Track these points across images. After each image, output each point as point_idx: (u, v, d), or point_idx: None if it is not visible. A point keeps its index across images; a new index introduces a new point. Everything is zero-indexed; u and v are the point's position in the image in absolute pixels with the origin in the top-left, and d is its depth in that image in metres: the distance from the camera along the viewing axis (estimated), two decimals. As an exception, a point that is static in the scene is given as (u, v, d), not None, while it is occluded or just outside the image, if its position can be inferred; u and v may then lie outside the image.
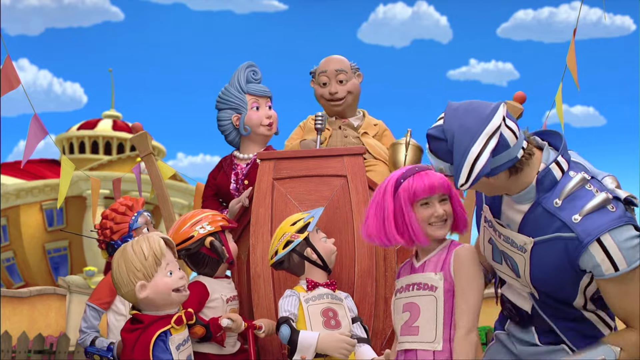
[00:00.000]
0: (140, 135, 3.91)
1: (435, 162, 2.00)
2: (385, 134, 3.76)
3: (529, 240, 2.03)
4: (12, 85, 3.65)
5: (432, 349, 2.23)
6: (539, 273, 2.04)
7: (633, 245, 1.90)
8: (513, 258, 2.11)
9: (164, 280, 2.39)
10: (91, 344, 3.20)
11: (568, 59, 4.11)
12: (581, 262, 1.94)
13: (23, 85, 3.74)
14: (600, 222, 1.90)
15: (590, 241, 1.89)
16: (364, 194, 3.01)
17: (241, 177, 3.51)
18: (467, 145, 1.89)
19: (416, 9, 51.81)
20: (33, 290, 11.27)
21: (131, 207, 3.41)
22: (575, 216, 1.93)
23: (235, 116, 3.51)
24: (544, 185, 1.99)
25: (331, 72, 3.62)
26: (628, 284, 1.92)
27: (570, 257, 1.94)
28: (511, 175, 1.99)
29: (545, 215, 1.98)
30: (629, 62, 46.06)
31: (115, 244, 3.36)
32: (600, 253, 1.90)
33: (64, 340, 7.81)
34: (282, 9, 50.10)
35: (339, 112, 3.66)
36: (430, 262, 2.32)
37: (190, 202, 17.87)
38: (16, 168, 21.97)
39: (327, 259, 2.77)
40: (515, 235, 2.08)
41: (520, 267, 2.09)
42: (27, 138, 3.84)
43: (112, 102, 25.99)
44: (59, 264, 22.46)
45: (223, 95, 3.55)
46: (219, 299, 2.89)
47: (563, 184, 1.98)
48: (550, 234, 1.97)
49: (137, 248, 2.38)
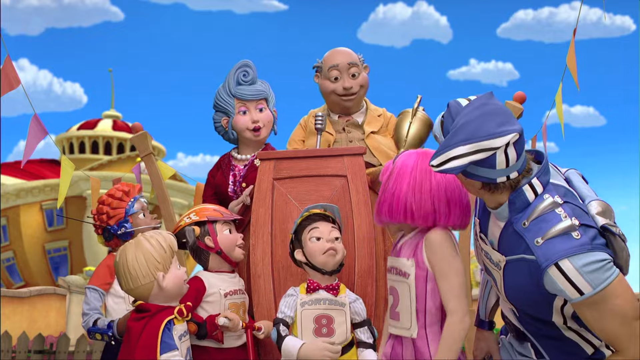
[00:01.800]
0: (140, 135, 3.91)
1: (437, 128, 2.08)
2: (391, 120, 3.65)
3: (502, 258, 2.06)
4: (12, 85, 3.65)
5: (409, 335, 2.26)
6: (512, 291, 2.06)
7: (596, 269, 1.87)
8: (492, 274, 2.16)
9: (176, 272, 2.54)
10: (93, 324, 3.22)
11: (568, 59, 4.10)
12: (545, 285, 1.93)
13: (23, 85, 3.73)
14: (560, 247, 1.89)
15: (548, 265, 1.89)
16: (364, 194, 3.01)
17: (239, 178, 3.50)
18: (458, 141, 1.91)
19: (416, 9, 51.84)
20: (33, 290, 11.29)
21: (127, 192, 3.43)
22: (538, 239, 1.93)
23: (225, 119, 3.49)
24: (516, 206, 2.01)
25: (343, 65, 3.49)
26: (600, 306, 1.89)
27: (534, 279, 1.95)
28: (483, 188, 2.01)
29: (515, 236, 2.00)
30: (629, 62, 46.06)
31: (112, 228, 3.37)
32: (561, 278, 1.89)
33: (64, 340, 7.81)
34: (282, 9, 50.13)
35: (347, 108, 3.58)
36: (404, 247, 2.35)
37: (190, 202, 17.88)
38: (16, 168, 21.99)
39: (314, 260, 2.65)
40: (492, 253, 2.12)
41: (498, 283, 2.12)
42: (27, 138, 3.83)
43: (112, 102, 26.02)
44: (59, 264, 22.47)
45: (216, 97, 3.53)
46: (216, 293, 2.89)
47: (534, 205, 1.98)
48: (517, 254, 1.99)
49: (155, 242, 2.51)
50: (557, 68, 4.44)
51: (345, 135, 3.53)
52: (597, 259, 1.88)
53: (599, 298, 1.88)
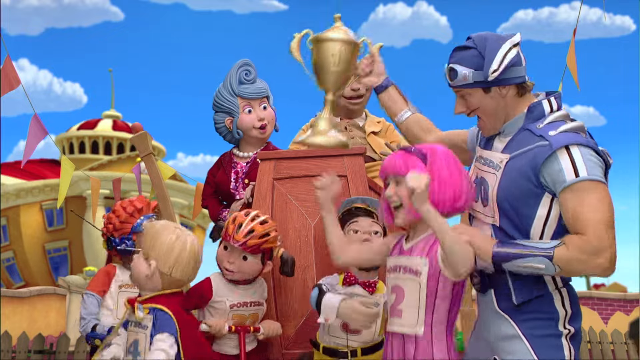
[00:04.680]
0: (140, 135, 3.91)
1: (460, 68, 2.30)
2: (389, 128, 3.72)
3: (505, 157, 2.27)
4: (12, 85, 3.65)
5: (414, 332, 2.24)
6: (505, 186, 2.23)
7: (596, 162, 2.14)
8: (487, 180, 2.31)
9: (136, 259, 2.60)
10: (92, 330, 3.23)
11: (568, 59, 4.11)
12: (544, 167, 2.14)
13: (23, 85, 3.74)
14: (573, 137, 2.16)
15: (559, 147, 2.13)
16: (364, 194, 3.01)
17: (241, 175, 3.50)
18: (500, 42, 2.25)
19: (416, 9, 51.86)
20: (33, 290, 11.27)
21: (140, 210, 3.42)
22: (552, 131, 2.19)
23: (229, 119, 3.49)
24: (533, 114, 2.28)
25: None
26: (583, 194, 2.09)
27: (536, 162, 2.16)
28: (517, 93, 2.30)
29: (527, 135, 2.25)
30: (629, 62, 46.06)
31: (114, 241, 3.37)
32: (566, 159, 2.12)
33: (64, 340, 7.80)
34: (282, 9, 50.12)
35: (353, 111, 3.60)
36: (417, 246, 2.31)
37: (190, 202, 17.88)
38: (16, 168, 21.99)
39: None
40: (494, 155, 2.32)
41: (490, 187, 2.28)
42: (27, 138, 3.84)
43: (112, 102, 26.02)
44: (59, 264, 22.47)
45: (216, 97, 3.53)
46: (222, 302, 2.79)
47: (549, 115, 2.28)
48: (527, 146, 2.22)
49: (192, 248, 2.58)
50: (557, 68, 4.44)
51: (347, 134, 3.56)
52: (597, 160, 2.15)
53: (588, 186, 2.09)
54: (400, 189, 2.28)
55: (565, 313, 2.23)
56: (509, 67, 2.23)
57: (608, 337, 8.13)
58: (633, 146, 28.60)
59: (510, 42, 2.25)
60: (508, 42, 2.25)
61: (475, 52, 2.27)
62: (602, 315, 11.11)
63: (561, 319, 2.22)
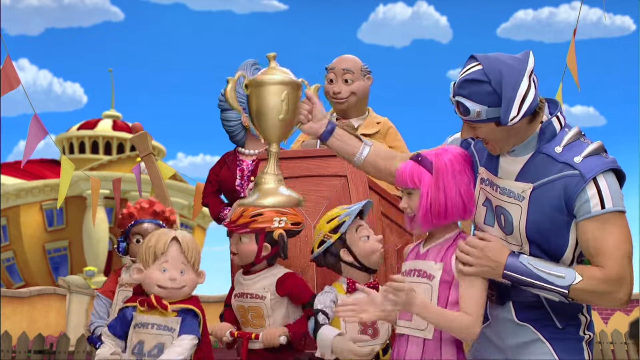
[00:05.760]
0: (140, 135, 3.91)
1: (471, 105, 2.06)
2: (389, 131, 3.69)
3: (527, 187, 2.13)
4: (12, 85, 3.65)
5: (423, 336, 2.23)
6: (535, 219, 2.12)
7: (618, 191, 2.09)
8: (508, 210, 2.19)
9: (155, 273, 2.58)
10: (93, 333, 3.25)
11: (568, 59, 4.11)
12: (577, 198, 2.06)
13: (23, 85, 3.74)
14: (599, 162, 2.07)
15: (592, 176, 2.04)
16: (364, 194, 3.01)
17: (247, 173, 3.51)
18: (516, 81, 2.01)
19: (416, 9, 51.84)
20: (33, 290, 11.28)
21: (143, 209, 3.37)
22: (577, 157, 2.07)
23: (245, 116, 3.47)
24: (545, 135, 2.14)
25: (338, 70, 3.59)
26: (606, 225, 2.04)
27: (569, 194, 2.06)
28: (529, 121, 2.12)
29: (547, 161, 2.12)
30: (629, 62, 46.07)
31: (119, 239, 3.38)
32: (593, 189, 2.04)
33: (64, 340, 7.81)
34: (282, 9, 50.12)
35: (342, 110, 3.62)
36: (432, 250, 2.30)
37: (190, 202, 17.87)
38: (16, 168, 21.97)
39: (366, 260, 2.62)
40: (513, 185, 2.18)
41: (515, 218, 2.16)
42: (27, 138, 3.83)
43: (112, 102, 26.00)
44: (59, 264, 22.45)
45: None
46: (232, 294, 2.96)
47: (562, 135, 2.14)
48: (551, 175, 2.10)
49: (150, 238, 2.66)
50: (557, 68, 4.44)
51: None
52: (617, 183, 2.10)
53: (611, 217, 2.04)
54: (411, 201, 2.27)
55: (586, 320, 2.25)
56: (531, 108, 2.03)
57: (608, 337, 8.13)
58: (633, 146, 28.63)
59: (527, 75, 2.02)
60: (525, 76, 2.02)
61: (489, 89, 2.02)
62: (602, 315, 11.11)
63: (582, 325, 2.24)
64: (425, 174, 2.25)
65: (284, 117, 2.33)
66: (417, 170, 2.27)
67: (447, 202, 2.22)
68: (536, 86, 2.06)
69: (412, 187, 2.25)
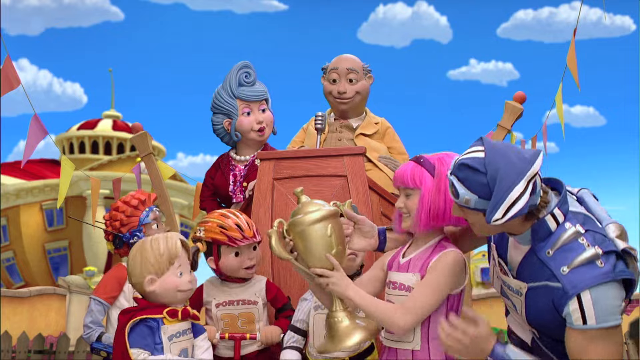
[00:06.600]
0: (140, 135, 3.91)
1: (463, 190, 2.00)
2: (387, 132, 3.69)
3: (523, 285, 2.10)
4: (12, 85, 3.64)
5: (411, 348, 2.23)
6: (533, 316, 2.10)
7: (608, 306, 1.96)
8: (512, 300, 2.20)
9: (173, 279, 2.47)
10: (97, 339, 3.18)
11: (568, 59, 4.11)
12: (563, 309, 1.99)
13: (23, 85, 3.73)
14: (587, 276, 1.95)
15: (574, 293, 1.95)
16: (364, 194, 3.01)
17: (239, 178, 3.50)
18: (511, 183, 1.92)
19: (416, 9, 51.85)
20: (33, 290, 11.26)
21: (144, 201, 3.39)
22: (564, 268, 1.98)
23: (227, 121, 3.49)
24: (538, 235, 2.05)
25: (342, 70, 3.59)
26: (589, 342, 1.96)
27: (556, 305, 2.00)
28: (524, 219, 2.03)
29: (538, 263, 2.05)
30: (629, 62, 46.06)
31: (124, 236, 3.34)
32: (575, 304, 1.95)
33: (64, 340, 7.81)
34: (282, 9, 50.12)
35: (344, 111, 3.61)
36: (412, 261, 2.30)
37: (190, 202, 17.87)
38: (16, 168, 21.95)
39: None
40: (511, 281, 2.16)
41: (518, 308, 2.17)
42: (27, 138, 3.83)
43: (112, 102, 25.99)
44: (59, 264, 22.43)
45: (215, 99, 3.51)
46: (211, 303, 2.88)
47: (557, 235, 2.03)
48: (540, 281, 2.04)
49: (155, 244, 2.48)
50: (557, 68, 4.44)
51: (336, 134, 3.57)
52: (614, 295, 1.97)
53: (596, 333, 1.95)
54: (408, 202, 2.28)
55: None
56: (517, 214, 1.94)
57: (608, 337, 8.14)
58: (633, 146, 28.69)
59: (526, 178, 1.93)
60: (524, 179, 1.92)
61: (483, 180, 1.95)
62: (602, 315, 11.11)
63: None
64: (427, 176, 2.25)
65: (336, 251, 2.19)
66: (418, 171, 2.27)
67: (446, 206, 2.22)
68: (535, 190, 1.96)
69: (412, 187, 2.26)
